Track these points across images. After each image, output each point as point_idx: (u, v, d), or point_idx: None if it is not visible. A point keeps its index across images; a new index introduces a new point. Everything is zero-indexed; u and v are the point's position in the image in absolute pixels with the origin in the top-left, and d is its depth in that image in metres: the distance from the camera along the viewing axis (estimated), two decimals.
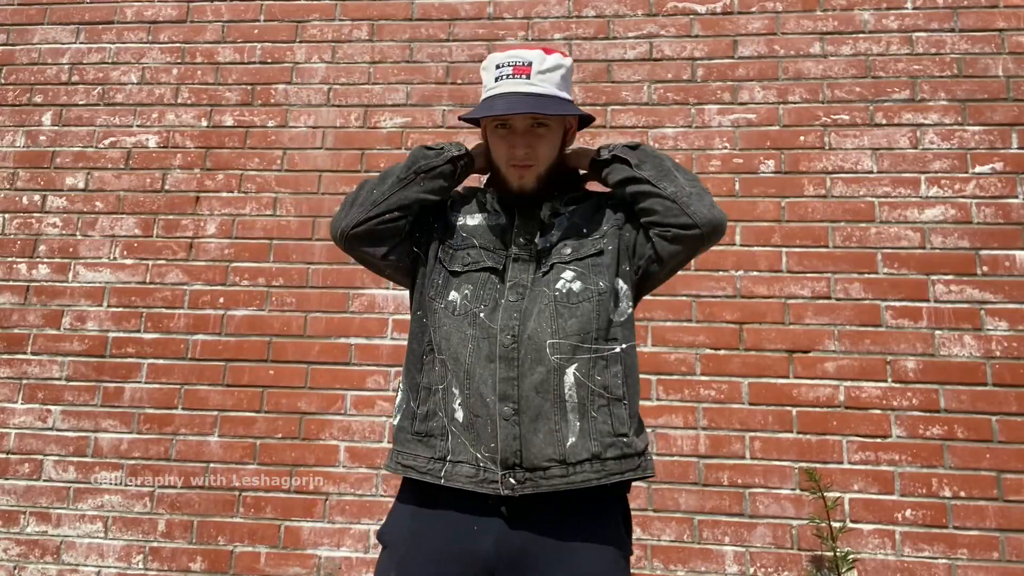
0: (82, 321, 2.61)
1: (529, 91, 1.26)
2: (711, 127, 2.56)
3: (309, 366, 2.51)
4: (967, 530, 2.17)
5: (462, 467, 1.19)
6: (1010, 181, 2.41)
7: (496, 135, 1.31)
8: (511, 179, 1.32)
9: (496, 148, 1.33)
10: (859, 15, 2.59)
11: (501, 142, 1.31)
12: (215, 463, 2.45)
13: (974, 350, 2.29)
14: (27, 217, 2.73)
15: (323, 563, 2.34)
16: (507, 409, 1.19)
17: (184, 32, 2.86)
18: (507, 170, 1.32)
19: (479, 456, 1.18)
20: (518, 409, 1.19)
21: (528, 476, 1.17)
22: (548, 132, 1.31)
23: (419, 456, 1.23)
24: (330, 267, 2.58)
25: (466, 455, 1.19)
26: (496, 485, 1.16)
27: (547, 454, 1.17)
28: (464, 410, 1.21)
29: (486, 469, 1.17)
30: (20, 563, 2.43)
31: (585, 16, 2.71)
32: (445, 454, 1.21)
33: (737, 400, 2.34)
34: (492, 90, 1.29)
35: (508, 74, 1.28)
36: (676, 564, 2.24)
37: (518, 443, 1.17)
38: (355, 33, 2.79)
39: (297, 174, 2.68)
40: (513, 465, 1.17)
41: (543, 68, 1.28)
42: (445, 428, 1.22)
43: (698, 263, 2.46)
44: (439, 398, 1.24)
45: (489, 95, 1.30)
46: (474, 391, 1.21)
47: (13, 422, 2.54)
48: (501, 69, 1.29)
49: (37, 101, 2.84)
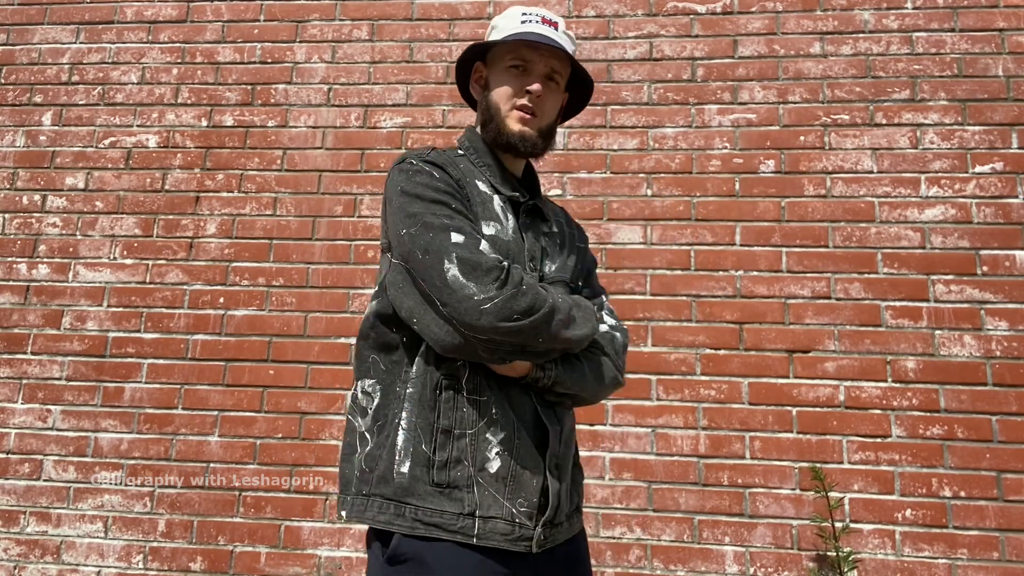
0: (82, 321, 2.61)
1: (558, 40, 1.24)
2: (711, 127, 2.56)
3: (309, 366, 2.51)
4: (967, 530, 2.17)
5: (496, 523, 1.05)
6: (1010, 181, 2.41)
7: (509, 74, 1.23)
8: (511, 123, 1.21)
9: (504, 85, 1.22)
10: (859, 15, 2.59)
11: (514, 80, 1.22)
12: (215, 463, 2.45)
13: (974, 350, 2.29)
14: (27, 217, 2.73)
15: (323, 563, 2.34)
16: (552, 460, 1.12)
17: (184, 32, 2.86)
18: (509, 112, 1.22)
19: (515, 511, 1.07)
20: (558, 462, 1.14)
21: (551, 531, 1.11)
22: (557, 91, 1.28)
23: (445, 512, 1.04)
24: (330, 267, 2.58)
25: (498, 509, 1.06)
26: (530, 543, 1.07)
27: (569, 506, 1.16)
28: (503, 460, 1.08)
29: (521, 525, 1.07)
30: (20, 563, 2.43)
31: (585, 16, 2.71)
32: (473, 509, 1.05)
33: (737, 400, 2.34)
34: (519, 30, 1.23)
35: (537, 21, 1.25)
36: (676, 564, 2.24)
37: (557, 499, 1.11)
38: (355, 33, 2.79)
39: (297, 174, 2.68)
40: (548, 520, 1.10)
41: (566, 31, 1.29)
42: (472, 479, 1.06)
43: (698, 263, 2.46)
44: (466, 444, 1.07)
45: (517, 32, 1.23)
46: (524, 439, 1.10)
47: (13, 422, 2.54)
48: (528, 15, 1.25)
49: (37, 101, 2.84)
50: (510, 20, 1.26)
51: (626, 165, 2.56)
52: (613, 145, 2.58)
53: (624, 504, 2.29)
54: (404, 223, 1.09)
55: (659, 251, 2.48)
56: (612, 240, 2.50)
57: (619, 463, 2.32)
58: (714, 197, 2.50)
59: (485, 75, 1.29)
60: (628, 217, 2.51)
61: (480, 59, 1.31)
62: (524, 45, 1.22)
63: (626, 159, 2.57)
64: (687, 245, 2.47)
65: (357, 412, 1.15)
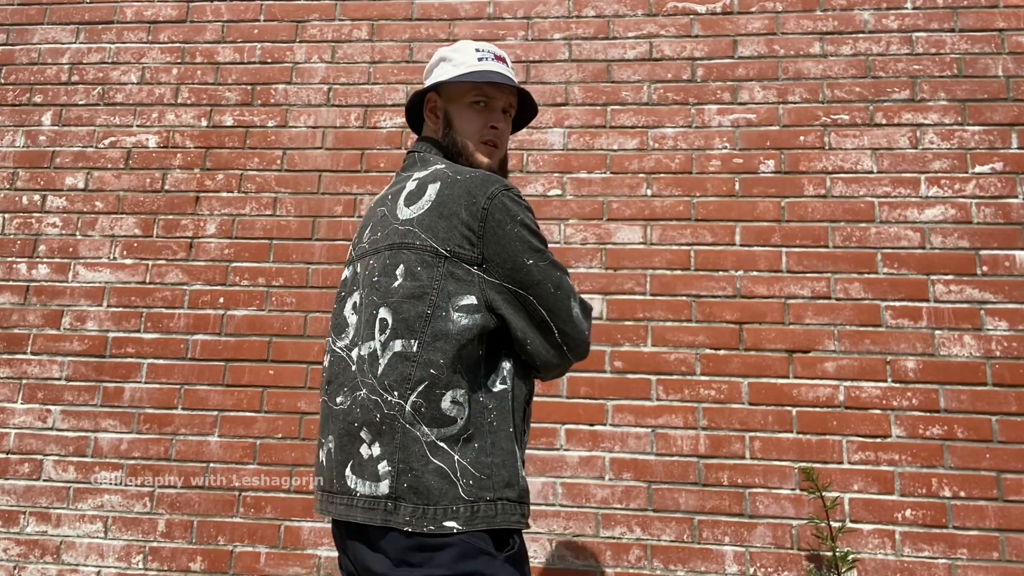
0: (82, 321, 2.61)
1: (512, 78, 1.38)
2: (711, 127, 2.56)
3: (309, 366, 2.51)
4: (967, 530, 2.17)
5: None
6: (1010, 181, 2.41)
7: (473, 110, 1.36)
8: (480, 156, 1.35)
9: (470, 122, 1.36)
10: (859, 15, 2.59)
11: (477, 116, 1.36)
12: (215, 463, 2.45)
13: (974, 350, 2.29)
14: (27, 217, 2.73)
15: (323, 563, 2.34)
16: None
17: (184, 32, 2.86)
18: (477, 146, 1.35)
19: None
20: None
21: None
22: (509, 122, 1.42)
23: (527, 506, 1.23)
24: (330, 267, 2.58)
25: None
26: None
27: None
28: None
29: None
30: (20, 563, 2.43)
31: (585, 16, 2.71)
32: None
33: (737, 400, 2.34)
34: (476, 67, 1.35)
35: (491, 58, 1.37)
36: (676, 564, 2.24)
37: None
38: (355, 33, 2.79)
39: (297, 174, 2.68)
40: None
41: (511, 66, 1.43)
42: None
43: (698, 263, 2.46)
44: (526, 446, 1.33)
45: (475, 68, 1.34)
46: None
47: (13, 422, 2.54)
48: (482, 52, 1.37)
49: (37, 101, 2.84)
50: (465, 55, 1.37)
51: (626, 165, 2.56)
52: (613, 145, 2.58)
53: (624, 504, 2.29)
54: (532, 255, 1.22)
55: (659, 251, 2.48)
56: (612, 240, 2.50)
57: (619, 463, 2.32)
58: (714, 197, 2.50)
59: (442, 106, 1.39)
60: (628, 217, 2.51)
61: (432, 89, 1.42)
62: (488, 84, 1.35)
63: (626, 159, 2.57)
64: (687, 245, 2.47)
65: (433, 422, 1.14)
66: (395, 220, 1.26)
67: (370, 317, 1.21)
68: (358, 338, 1.23)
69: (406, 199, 1.27)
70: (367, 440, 1.15)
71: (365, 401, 1.17)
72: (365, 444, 1.16)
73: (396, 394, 1.14)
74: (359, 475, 1.15)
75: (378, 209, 1.35)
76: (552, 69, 2.67)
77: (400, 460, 1.12)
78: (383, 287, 1.21)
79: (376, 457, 1.14)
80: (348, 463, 1.17)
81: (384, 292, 1.21)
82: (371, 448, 1.15)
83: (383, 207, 1.33)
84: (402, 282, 1.19)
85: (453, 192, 1.22)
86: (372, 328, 1.20)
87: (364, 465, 1.15)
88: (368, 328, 1.21)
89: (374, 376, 1.17)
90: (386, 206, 1.32)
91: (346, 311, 1.30)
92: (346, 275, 1.36)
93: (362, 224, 1.39)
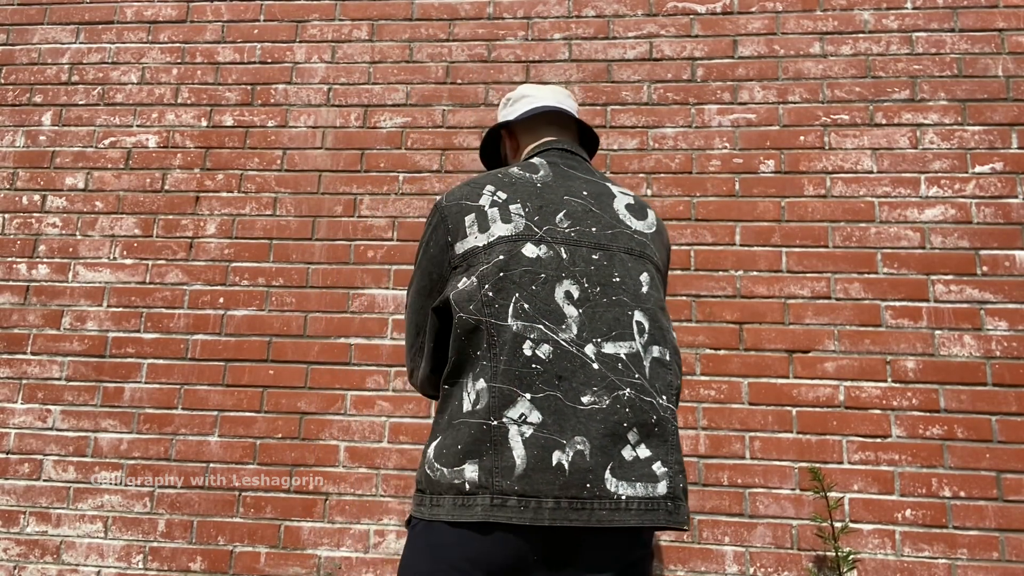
0: (82, 321, 2.61)
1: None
2: (711, 127, 2.56)
3: (309, 366, 2.51)
4: (967, 530, 2.17)
5: None
6: (1010, 181, 2.41)
7: None
8: None
9: None
10: (859, 15, 2.59)
11: None
12: (215, 463, 2.45)
13: (974, 350, 2.29)
14: (27, 217, 2.73)
15: (323, 563, 2.34)
16: None
17: (184, 32, 2.86)
18: None
19: None
20: None
21: None
22: None
23: None
24: (330, 267, 2.58)
25: None
26: None
27: None
28: None
29: None
30: (20, 563, 2.43)
31: (585, 16, 2.71)
32: None
33: (737, 400, 2.34)
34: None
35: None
36: (676, 564, 2.24)
37: None
38: (355, 33, 2.79)
39: (297, 174, 2.68)
40: None
41: None
42: None
43: (698, 262, 2.46)
44: None
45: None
46: None
47: (13, 422, 2.54)
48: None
49: (37, 101, 2.84)
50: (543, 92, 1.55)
51: (626, 165, 2.56)
52: (613, 145, 2.58)
53: None
54: None
55: None
56: None
57: None
58: (714, 197, 2.50)
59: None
60: None
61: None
62: None
63: (626, 159, 2.57)
64: (687, 245, 2.48)
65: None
66: (621, 225, 1.29)
67: (621, 316, 1.18)
68: (594, 334, 1.16)
69: (629, 210, 1.32)
70: (632, 442, 1.13)
71: (634, 401, 1.14)
72: (629, 446, 1.13)
73: (664, 398, 1.18)
74: (622, 478, 1.11)
75: (568, 199, 1.28)
76: (552, 69, 2.67)
77: (675, 461, 1.16)
78: (631, 289, 1.21)
79: (647, 459, 1.13)
80: (608, 466, 1.11)
81: (635, 295, 1.21)
82: (636, 450, 1.13)
83: (578, 199, 1.29)
84: (649, 291, 1.23)
85: (663, 228, 1.37)
86: (627, 328, 1.18)
87: (630, 467, 1.12)
88: (618, 327, 1.18)
89: (643, 377, 1.17)
90: (587, 201, 1.29)
91: (558, 298, 1.17)
92: (539, 254, 1.20)
93: (533, 203, 1.26)
